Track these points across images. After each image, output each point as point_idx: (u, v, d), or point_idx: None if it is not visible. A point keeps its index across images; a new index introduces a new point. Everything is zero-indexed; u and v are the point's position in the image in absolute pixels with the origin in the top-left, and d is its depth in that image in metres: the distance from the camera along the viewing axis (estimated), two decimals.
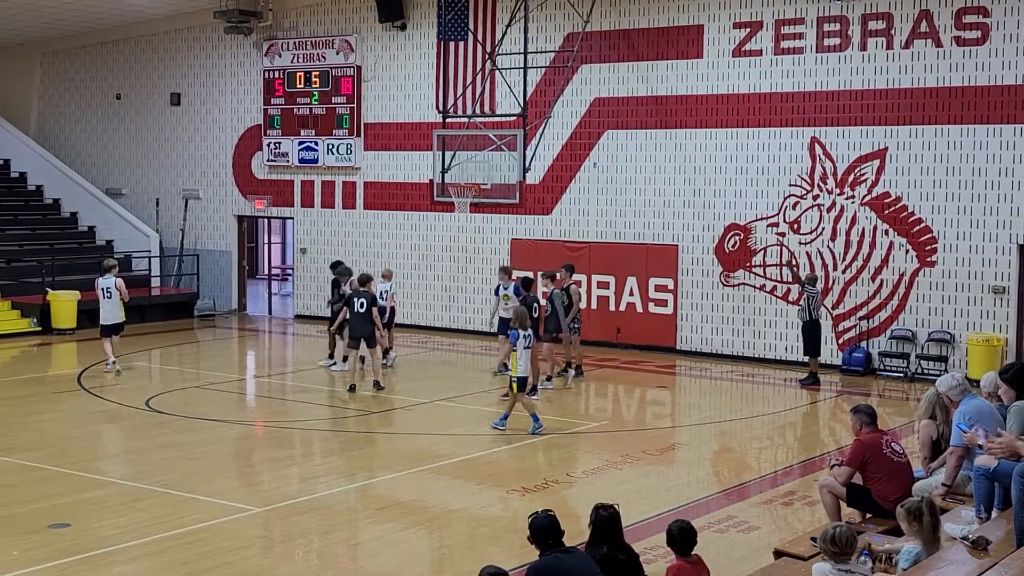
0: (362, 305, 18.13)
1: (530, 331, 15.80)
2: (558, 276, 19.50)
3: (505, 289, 19.37)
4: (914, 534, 7.82)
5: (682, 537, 7.56)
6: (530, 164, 21.69)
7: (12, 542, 10.53)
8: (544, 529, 7.24)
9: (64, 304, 23.76)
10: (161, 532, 10.88)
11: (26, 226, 27.84)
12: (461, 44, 23.54)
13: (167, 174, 28.75)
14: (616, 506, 7.63)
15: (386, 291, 19.93)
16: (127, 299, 19.51)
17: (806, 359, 19.52)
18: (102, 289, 19.13)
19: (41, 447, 14.37)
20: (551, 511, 7.46)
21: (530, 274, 20.28)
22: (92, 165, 29.85)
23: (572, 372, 19.32)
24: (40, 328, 23.67)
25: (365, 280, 18.62)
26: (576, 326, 19.29)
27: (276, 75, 26.42)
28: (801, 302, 19.52)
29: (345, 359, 19.08)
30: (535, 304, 18.46)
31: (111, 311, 19.18)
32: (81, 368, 19.80)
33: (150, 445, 14.72)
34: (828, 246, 20.58)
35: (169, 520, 11.30)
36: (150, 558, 10.32)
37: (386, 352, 19.81)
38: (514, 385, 15.41)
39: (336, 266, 20.47)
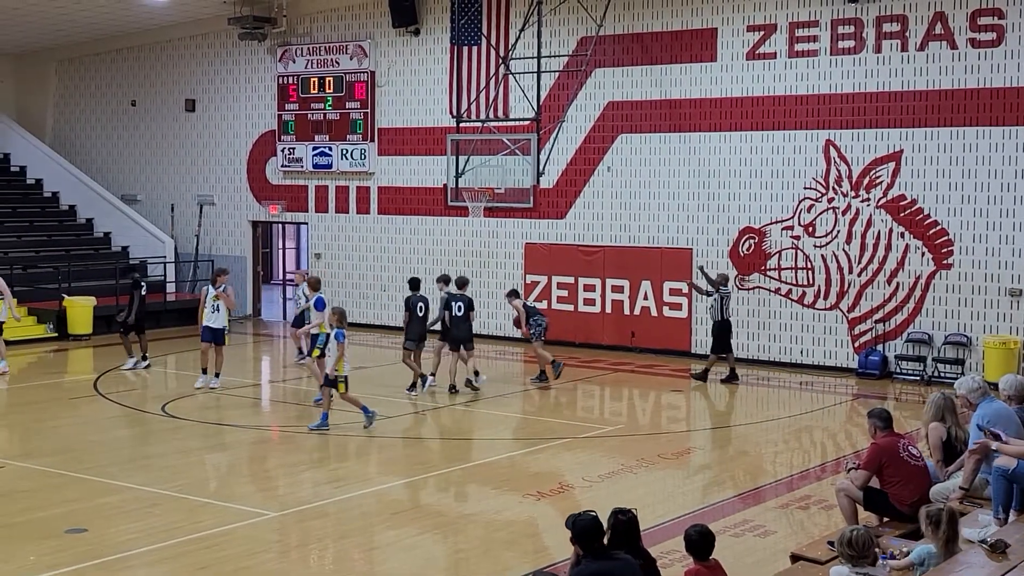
0: (460, 308, 18.34)
1: (344, 330, 15.56)
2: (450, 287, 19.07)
3: (307, 300, 18.49)
4: (931, 538, 7.79)
5: (701, 541, 7.54)
6: (544, 168, 21.70)
7: (29, 547, 10.55)
8: (590, 530, 7.18)
9: (80, 310, 23.84)
10: (178, 537, 10.90)
11: (42, 232, 27.95)
12: (475, 49, 23.55)
13: (182, 180, 28.84)
14: (634, 511, 7.60)
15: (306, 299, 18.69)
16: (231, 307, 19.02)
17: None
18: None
19: (58, 452, 14.41)
20: (593, 511, 7.41)
21: (541, 279, 20.24)
22: (108, 171, 29.96)
23: (537, 377, 19.20)
24: (56, 334, 23.76)
25: (462, 283, 18.82)
26: (538, 330, 19.07)
27: (290, 81, 26.48)
28: (712, 302, 19.60)
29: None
30: (420, 304, 18.39)
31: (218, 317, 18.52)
32: (97, 374, 19.85)
33: (166, 450, 14.75)
34: (843, 249, 20.51)
35: (185, 525, 11.31)
36: (167, 563, 10.34)
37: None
38: (341, 385, 15.41)
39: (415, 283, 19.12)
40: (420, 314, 18.37)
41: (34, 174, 29.68)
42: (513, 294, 19.76)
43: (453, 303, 18.40)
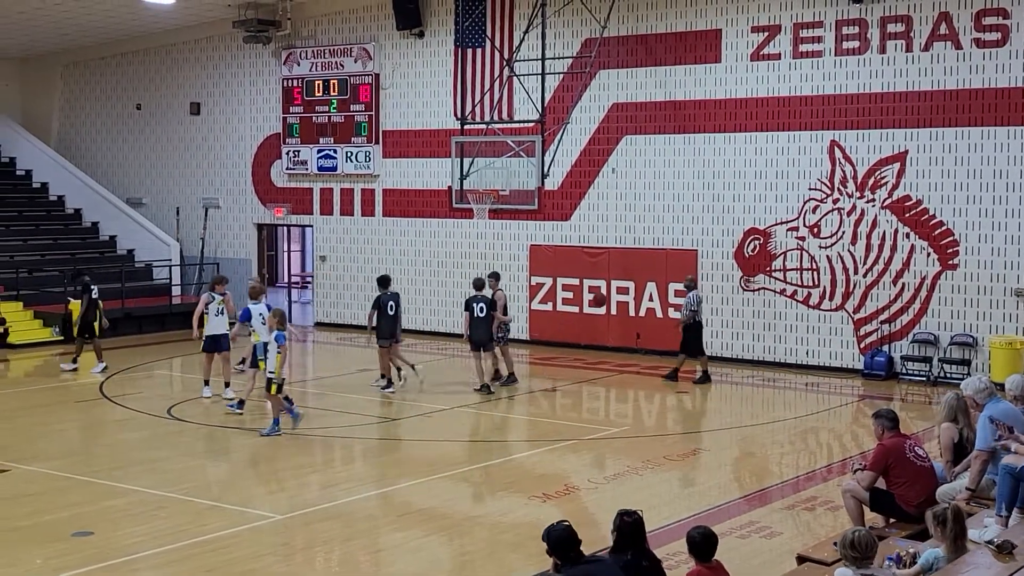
0: (482, 310, 18.48)
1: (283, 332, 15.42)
2: (488, 284, 19.17)
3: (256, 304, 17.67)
4: (939, 539, 7.78)
5: (704, 543, 7.52)
6: (548, 170, 21.69)
7: (36, 550, 10.57)
8: (564, 540, 7.18)
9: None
10: (184, 540, 10.91)
11: (48, 236, 28.00)
12: (479, 51, 23.56)
13: (187, 183, 28.87)
14: (640, 512, 7.60)
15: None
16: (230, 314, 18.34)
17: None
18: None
19: (64, 456, 14.43)
20: (566, 520, 7.40)
21: (546, 281, 20.23)
22: (113, 175, 30.00)
23: (503, 380, 19.11)
24: (62, 337, 23.78)
25: (480, 285, 18.94)
26: (502, 335, 19.07)
27: (295, 84, 26.51)
28: (686, 304, 19.61)
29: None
30: (390, 303, 18.62)
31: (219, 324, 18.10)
32: (104, 377, 19.86)
33: (172, 453, 14.76)
34: (849, 250, 20.49)
35: (192, 528, 11.33)
36: (173, 566, 10.35)
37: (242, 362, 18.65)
38: (274, 386, 15.27)
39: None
40: (391, 312, 18.52)
41: (40, 178, 29.75)
42: (495, 277, 19.57)
43: (475, 304, 18.57)
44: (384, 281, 19.14)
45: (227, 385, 17.79)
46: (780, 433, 16.37)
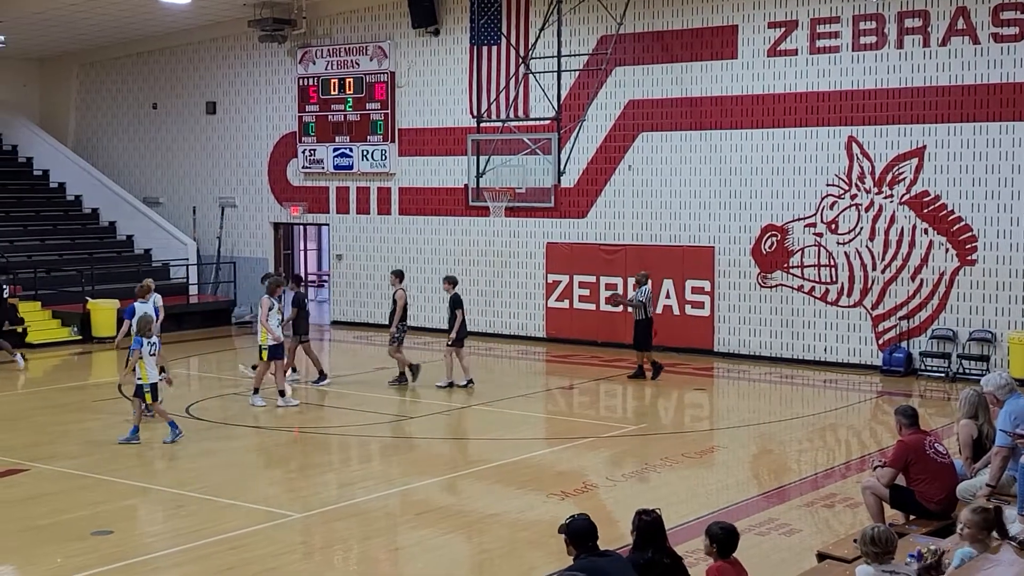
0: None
1: (156, 338, 14.94)
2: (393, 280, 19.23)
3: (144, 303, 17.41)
4: (972, 540, 7.71)
5: (727, 539, 7.50)
6: (565, 167, 21.68)
7: (56, 549, 10.60)
8: (580, 532, 7.22)
9: (104, 313, 23.95)
10: (203, 538, 10.93)
11: (65, 236, 28.11)
12: (494, 48, 23.56)
13: (203, 182, 28.94)
14: (658, 510, 7.58)
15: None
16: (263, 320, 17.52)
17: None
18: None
19: (83, 455, 14.47)
20: (586, 514, 7.43)
21: (562, 278, 20.22)
22: (129, 175, 30.10)
23: (411, 377, 19.04)
24: (81, 337, 23.89)
25: (454, 282, 19.19)
26: (399, 335, 18.91)
27: (310, 82, 26.54)
28: (637, 301, 19.53)
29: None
30: (305, 300, 19.04)
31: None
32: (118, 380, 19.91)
33: (190, 452, 14.79)
34: (867, 246, 20.41)
35: (210, 526, 11.34)
36: (192, 564, 10.37)
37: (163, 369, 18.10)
38: (147, 395, 14.80)
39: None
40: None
41: (57, 178, 29.86)
42: (398, 276, 19.41)
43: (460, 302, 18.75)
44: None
45: (282, 394, 17.30)
46: (798, 430, 16.32)
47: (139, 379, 14.76)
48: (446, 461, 14.25)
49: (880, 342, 20.42)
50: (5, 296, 20.51)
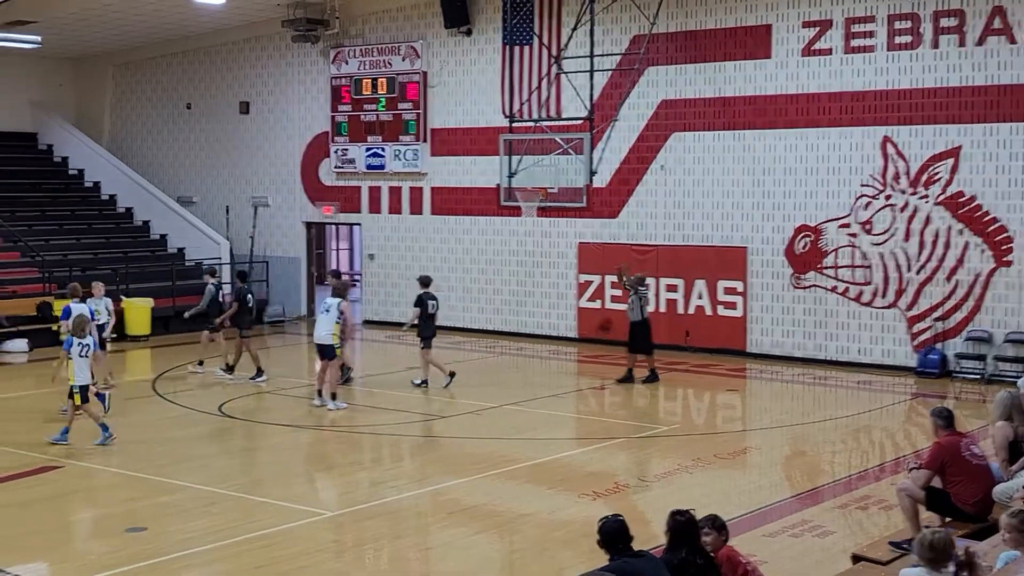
0: (434, 306, 18.84)
1: (90, 339, 14.70)
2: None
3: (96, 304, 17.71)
4: (1016, 544, 7.61)
5: (723, 521, 7.76)
6: (597, 167, 21.60)
7: (90, 546, 10.68)
8: (614, 533, 7.21)
9: (138, 311, 24.10)
10: (235, 536, 10.96)
11: (100, 235, 28.30)
12: (526, 48, 23.54)
13: (237, 182, 29.08)
14: (692, 511, 7.56)
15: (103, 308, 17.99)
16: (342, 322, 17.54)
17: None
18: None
19: (117, 452, 14.54)
20: (620, 515, 7.41)
21: (594, 278, 20.20)
22: (163, 174, 30.28)
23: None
24: (115, 335, 24.01)
25: (427, 282, 19.21)
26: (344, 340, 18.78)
27: (343, 82, 26.61)
28: (630, 302, 19.37)
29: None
30: (249, 295, 19.55)
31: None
32: (155, 374, 20.05)
33: (223, 450, 14.88)
34: (902, 247, 20.26)
35: (243, 524, 11.38)
36: (225, 562, 10.41)
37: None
38: (76, 396, 14.47)
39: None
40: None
41: (92, 177, 30.08)
42: (336, 276, 19.71)
43: (429, 301, 18.81)
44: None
45: (333, 397, 17.16)
46: (832, 432, 16.21)
47: (69, 380, 14.45)
48: (477, 460, 14.25)
49: (915, 344, 20.25)
50: None
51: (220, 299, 20.11)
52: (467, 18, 24.72)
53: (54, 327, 16.98)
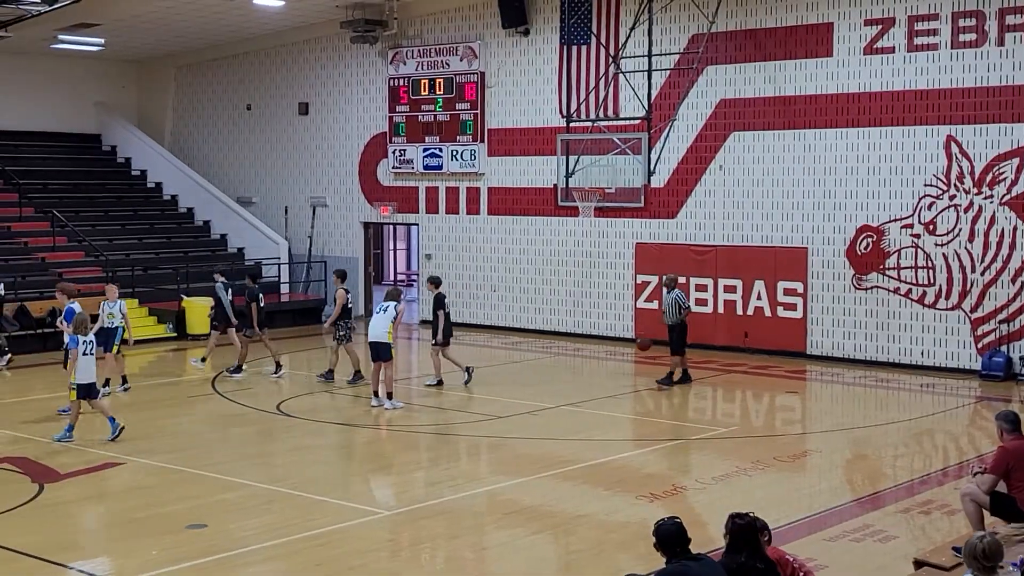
0: (449, 306, 19.19)
1: (92, 337, 14.83)
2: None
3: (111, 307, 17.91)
4: None
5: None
6: (655, 167, 21.51)
7: (151, 542, 10.77)
8: (671, 536, 7.12)
9: (198, 310, 24.34)
10: (293, 534, 11.01)
11: (162, 235, 28.64)
12: (584, 48, 23.46)
13: (295, 182, 29.29)
14: (752, 514, 7.46)
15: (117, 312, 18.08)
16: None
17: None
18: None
19: (178, 450, 14.71)
20: (677, 518, 7.33)
21: (651, 279, 20.09)
22: (224, 175, 30.58)
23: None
24: (176, 334, 24.32)
25: (438, 282, 19.47)
26: (343, 333, 19.21)
27: (401, 83, 26.70)
28: (666, 307, 18.98)
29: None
30: (260, 295, 20.05)
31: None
32: (215, 373, 20.23)
33: (281, 448, 14.97)
34: (966, 248, 19.93)
35: (301, 522, 11.44)
36: (283, 559, 10.47)
37: (107, 382, 17.95)
38: (72, 392, 14.60)
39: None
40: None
41: (154, 177, 30.46)
42: (339, 276, 19.84)
43: (444, 300, 19.01)
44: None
45: (390, 396, 17.22)
46: (894, 435, 15.99)
47: (71, 378, 14.65)
48: (533, 461, 14.21)
49: (979, 346, 19.92)
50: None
51: (230, 299, 20.37)
52: (525, 18, 24.70)
53: (59, 325, 17.11)
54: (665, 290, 19.44)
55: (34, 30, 25.30)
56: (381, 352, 17.10)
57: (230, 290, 20.39)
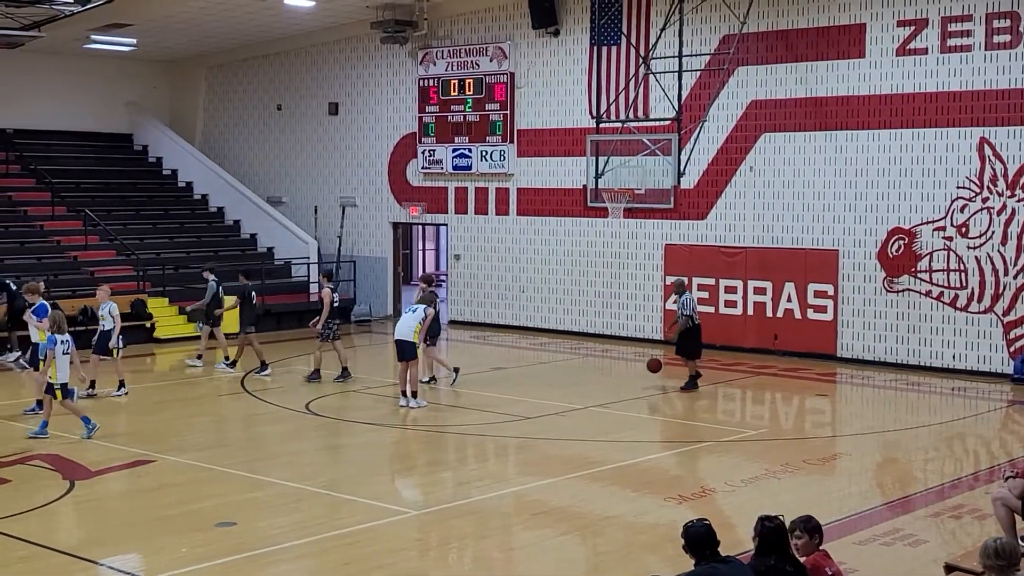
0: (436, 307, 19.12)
1: (68, 337, 14.82)
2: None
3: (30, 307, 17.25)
4: None
5: (817, 524, 7.66)
6: (685, 168, 21.44)
7: (181, 539, 10.83)
8: (699, 538, 7.11)
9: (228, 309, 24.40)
10: (322, 533, 11.05)
11: (192, 234, 28.78)
12: (615, 49, 23.44)
13: (325, 182, 29.38)
14: (781, 517, 7.43)
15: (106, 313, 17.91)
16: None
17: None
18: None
19: (207, 448, 14.78)
20: (706, 520, 7.31)
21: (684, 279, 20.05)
22: (254, 174, 30.70)
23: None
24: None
25: (430, 280, 19.43)
26: (328, 331, 19.46)
27: (431, 83, 26.73)
28: (680, 307, 18.71)
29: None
30: (252, 292, 20.36)
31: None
32: (244, 372, 20.31)
33: (310, 447, 15.01)
34: (998, 250, 19.77)
35: (329, 521, 11.47)
36: (312, 558, 10.50)
37: (93, 383, 17.76)
38: (58, 392, 14.60)
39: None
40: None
41: (185, 177, 30.62)
42: (326, 276, 20.15)
43: (435, 299, 19.00)
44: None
45: (415, 395, 17.20)
46: (925, 439, 15.88)
47: (50, 378, 14.65)
48: (562, 462, 14.19)
49: (1011, 350, 19.75)
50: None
51: (220, 295, 20.72)
52: (555, 19, 24.68)
53: (26, 318, 17.01)
54: (675, 296, 19.20)
55: (67, 30, 25.48)
56: (406, 351, 17.11)
57: (221, 287, 20.76)
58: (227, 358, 20.51)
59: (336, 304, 19.74)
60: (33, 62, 28.63)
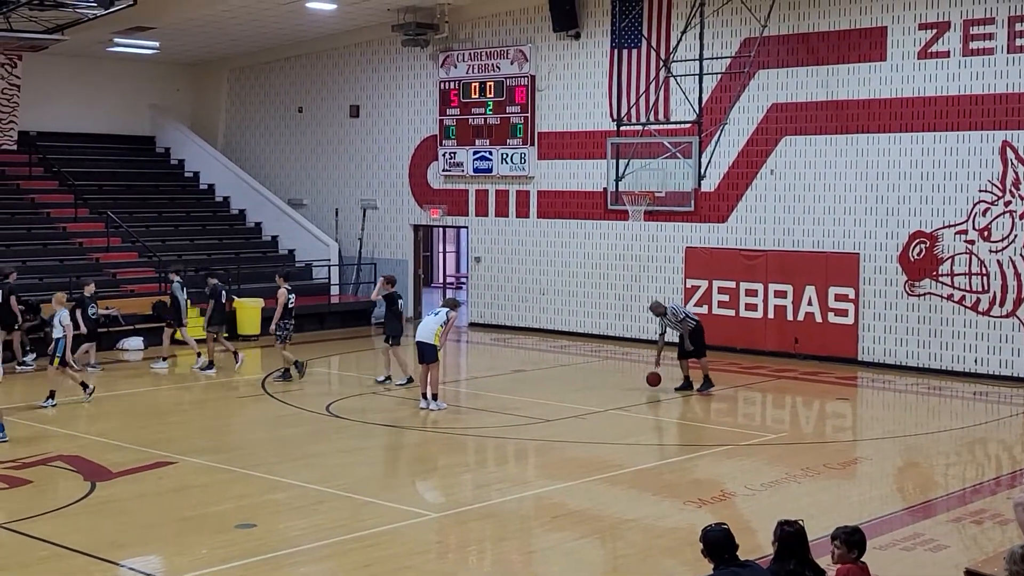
0: (402, 306, 19.70)
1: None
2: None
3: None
4: None
5: (860, 539, 7.37)
6: (705, 171, 21.41)
7: (201, 541, 10.88)
8: (718, 542, 7.10)
9: (249, 311, 24.55)
10: (342, 535, 11.08)
11: (213, 236, 28.91)
12: (635, 52, 23.42)
13: (346, 185, 29.46)
14: (801, 522, 7.41)
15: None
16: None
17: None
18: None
19: (228, 449, 14.85)
20: (725, 524, 7.30)
21: (701, 283, 20.00)
22: (275, 177, 30.81)
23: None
24: (227, 334, 24.46)
25: (393, 281, 19.63)
26: (282, 333, 19.51)
27: (452, 86, 26.78)
28: (671, 325, 18.71)
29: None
30: (223, 292, 21.04)
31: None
32: (265, 373, 20.39)
33: (330, 449, 15.05)
34: (1020, 254, 19.67)
35: (349, 523, 11.51)
36: (332, 560, 10.53)
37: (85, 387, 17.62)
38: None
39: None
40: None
41: (207, 179, 30.75)
42: (284, 277, 20.24)
43: (399, 300, 19.38)
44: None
45: (435, 397, 17.21)
46: (946, 443, 15.81)
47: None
48: (581, 465, 14.20)
49: None
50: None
51: (185, 296, 21.15)
52: (576, 22, 24.69)
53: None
54: (659, 320, 18.99)
55: (90, 33, 25.63)
56: (426, 353, 17.14)
57: (185, 289, 21.21)
58: (200, 355, 20.90)
59: (291, 305, 19.69)
60: (56, 65, 28.81)
